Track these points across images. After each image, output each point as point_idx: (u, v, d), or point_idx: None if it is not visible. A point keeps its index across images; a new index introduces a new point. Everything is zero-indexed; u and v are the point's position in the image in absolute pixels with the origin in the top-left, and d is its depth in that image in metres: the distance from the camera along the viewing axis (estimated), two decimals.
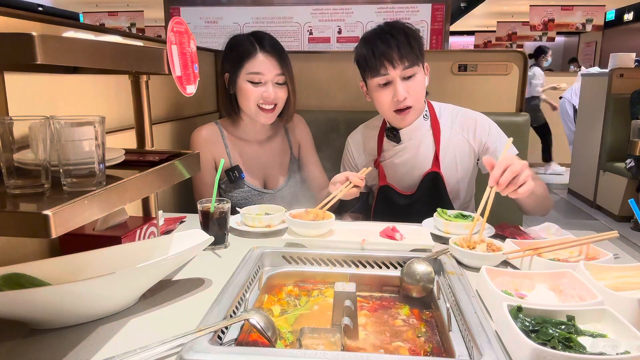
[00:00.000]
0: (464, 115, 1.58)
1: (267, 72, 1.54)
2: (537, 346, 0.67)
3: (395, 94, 1.43)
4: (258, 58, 1.54)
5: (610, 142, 4.59)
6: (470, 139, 1.55)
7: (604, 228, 4.21)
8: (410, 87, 1.44)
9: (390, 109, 1.47)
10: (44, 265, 0.86)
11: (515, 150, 1.53)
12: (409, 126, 1.54)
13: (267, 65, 1.54)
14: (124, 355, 0.70)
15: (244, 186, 1.65)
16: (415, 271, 0.97)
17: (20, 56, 0.66)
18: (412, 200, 1.56)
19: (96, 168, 0.77)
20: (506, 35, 10.54)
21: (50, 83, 1.13)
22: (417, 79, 1.45)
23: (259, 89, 1.54)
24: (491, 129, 1.54)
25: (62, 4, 9.61)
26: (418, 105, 1.49)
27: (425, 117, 1.56)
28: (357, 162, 1.69)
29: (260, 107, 1.56)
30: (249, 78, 1.54)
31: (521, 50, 2.17)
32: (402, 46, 1.41)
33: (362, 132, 1.70)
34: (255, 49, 1.54)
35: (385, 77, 1.43)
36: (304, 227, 1.20)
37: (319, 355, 0.69)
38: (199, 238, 0.99)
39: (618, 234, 1.11)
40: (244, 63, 1.54)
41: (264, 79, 1.54)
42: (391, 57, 1.41)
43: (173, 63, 1.03)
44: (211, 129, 1.67)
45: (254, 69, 1.53)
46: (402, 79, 1.43)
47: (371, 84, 1.49)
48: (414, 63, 1.42)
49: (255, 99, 1.55)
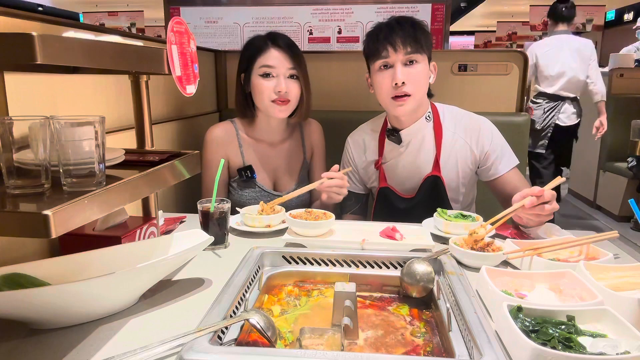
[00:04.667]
0: (468, 120, 1.56)
1: (279, 65, 1.55)
2: (537, 346, 0.67)
3: (394, 77, 1.42)
4: (270, 52, 1.56)
5: (610, 142, 4.59)
6: (473, 145, 1.53)
7: (604, 228, 4.21)
8: (410, 74, 1.43)
9: (389, 95, 1.46)
10: (44, 265, 0.86)
11: (517, 160, 1.54)
12: (410, 127, 1.53)
13: (279, 59, 1.55)
14: (124, 355, 0.70)
15: (254, 186, 1.66)
16: (415, 271, 0.97)
17: (20, 56, 0.66)
18: (412, 203, 1.55)
19: (96, 168, 0.77)
20: (506, 35, 10.54)
21: (50, 83, 1.13)
22: (418, 68, 1.44)
23: (271, 82, 1.55)
24: (494, 136, 1.54)
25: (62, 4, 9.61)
26: (417, 96, 1.46)
27: (428, 119, 1.54)
28: (357, 163, 1.68)
29: (274, 101, 1.56)
30: (261, 72, 1.55)
31: (521, 50, 2.17)
32: (407, 33, 1.42)
33: (363, 132, 1.69)
34: (268, 45, 1.57)
35: (386, 59, 1.44)
36: (304, 227, 1.20)
37: (319, 355, 0.69)
38: (199, 238, 0.99)
39: (618, 234, 1.11)
40: (257, 58, 1.56)
41: (276, 72, 1.55)
42: (394, 41, 1.42)
43: (173, 63, 1.03)
44: (226, 127, 1.68)
45: (265, 62, 1.55)
46: (403, 65, 1.43)
47: (373, 69, 1.50)
48: (416, 51, 1.42)
49: (268, 94, 1.55)
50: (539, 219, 1.20)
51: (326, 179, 1.38)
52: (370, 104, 2.13)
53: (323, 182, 1.38)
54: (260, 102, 1.59)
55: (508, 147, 1.54)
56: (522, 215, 1.22)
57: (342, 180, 1.40)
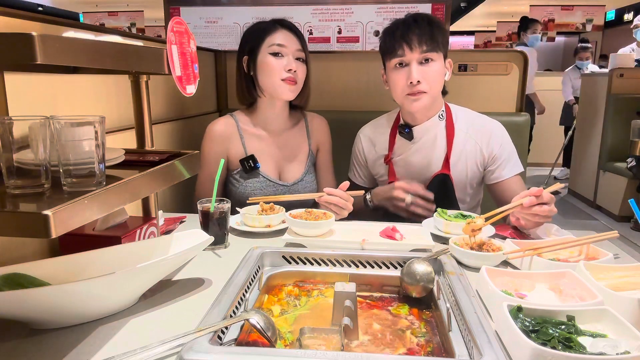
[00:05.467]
0: (481, 122, 1.57)
1: (289, 44, 1.56)
2: (537, 346, 0.67)
3: (410, 76, 1.43)
4: (279, 32, 1.57)
5: (610, 142, 4.59)
6: (484, 147, 1.54)
7: (604, 228, 4.21)
8: (425, 73, 1.44)
9: (404, 92, 1.47)
10: (44, 265, 0.86)
11: (521, 168, 1.55)
12: (422, 124, 1.54)
13: (289, 39, 1.56)
14: (124, 355, 0.70)
15: (259, 176, 1.63)
16: (415, 271, 0.97)
17: (20, 56, 0.66)
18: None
19: (96, 168, 0.77)
20: (506, 35, 10.54)
21: (50, 83, 1.13)
22: (433, 66, 1.45)
23: (281, 61, 1.55)
24: (504, 140, 1.55)
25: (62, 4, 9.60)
26: (432, 93, 1.47)
27: (441, 118, 1.55)
28: (367, 157, 1.68)
29: (284, 80, 1.56)
30: (271, 50, 1.55)
31: (521, 50, 2.17)
32: (423, 31, 1.43)
33: (374, 127, 1.69)
34: (276, 26, 1.58)
35: (402, 58, 1.45)
36: (304, 227, 1.20)
37: (319, 355, 0.69)
38: (199, 238, 0.99)
39: (618, 234, 1.11)
40: (265, 38, 1.56)
41: (285, 51, 1.55)
42: (410, 39, 1.43)
43: (173, 63, 1.03)
44: (226, 121, 1.67)
45: (275, 41, 1.55)
46: (418, 63, 1.44)
47: (389, 66, 1.51)
48: (432, 49, 1.43)
49: (279, 72, 1.55)
50: (536, 220, 1.20)
51: (326, 194, 1.36)
52: (371, 103, 2.14)
53: (322, 196, 1.37)
54: (269, 82, 1.57)
55: (516, 154, 1.56)
56: (520, 215, 1.22)
57: (344, 201, 1.37)
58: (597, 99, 4.77)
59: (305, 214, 1.26)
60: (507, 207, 1.19)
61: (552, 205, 1.19)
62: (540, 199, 1.17)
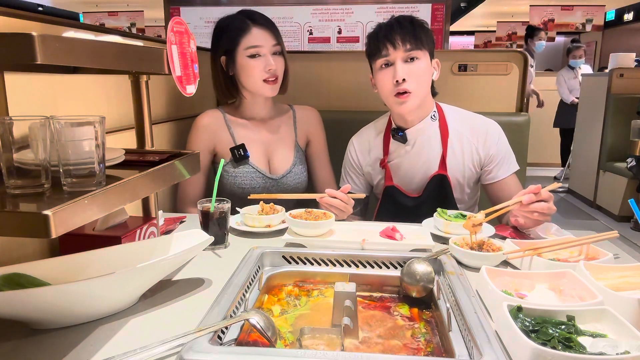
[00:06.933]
0: (476, 121, 1.57)
1: (265, 43, 1.55)
2: (537, 346, 0.67)
3: (395, 74, 1.43)
4: (253, 32, 1.55)
5: (610, 142, 4.59)
6: (480, 147, 1.53)
7: (604, 228, 4.21)
8: (411, 71, 1.44)
9: (391, 93, 1.47)
10: (44, 265, 0.86)
11: (517, 167, 1.55)
12: (415, 126, 1.53)
13: (263, 37, 1.55)
14: (124, 355, 0.70)
15: (248, 166, 1.64)
16: (415, 271, 0.97)
17: (20, 56, 0.66)
18: (418, 202, 1.55)
19: (96, 168, 0.77)
20: (506, 35, 10.53)
21: (50, 83, 1.13)
22: (418, 64, 1.45)
23: (259, 62, 1.55)
24: (500, 139, 1.54)
25: (62, 4, 9.60)
26: (419, 92, 1.46)
27: (433, 118, 1.54)
28: (362, 163, 1.67)
29: (265, 80, 1.56)
30: (248, 53, 1.55)
31: (521, 50, 2.17)
32: (406, 31, 1.43)
33: (367, 133, 1.69)
34: (248, 24, 1.56)
35: (387, 58, 1.45)
36: (304, 227, 1.20)
37: (319, 355, 0.69)
38: (199, 238, 0.99)
39: (618, 234, 1.11)
40: (240, 40, 1.55)
41: (262, 51, 1.55)
42: (393, 39, 1.43)
43: (173, 63, 1.03)
44: (213, 114, 1.68)
45: (251, 42, 1.54)
46: (403, 61, 1.44)
47: (375, 68, 1.51)
48: (416, 47, 1.43)
49: (259, 74, 1.55)
50: (535, 217, 1.20)
51: (328, 196, 1.35)
52: (371, 103, 2.13)
53: (324, 197, 1.35)
54: (250, 83, 1.58)
55: (511, 152, 1.55)
56: (519, 213, 1.22)
57: (345, 204, 1.36)
58: (597, 99, 4.77)
59: (305, 214, 1.26)
60: (506, 203, 1.19)
61: (551, 203, 1.19)
62: (539, 196, 1.17)
